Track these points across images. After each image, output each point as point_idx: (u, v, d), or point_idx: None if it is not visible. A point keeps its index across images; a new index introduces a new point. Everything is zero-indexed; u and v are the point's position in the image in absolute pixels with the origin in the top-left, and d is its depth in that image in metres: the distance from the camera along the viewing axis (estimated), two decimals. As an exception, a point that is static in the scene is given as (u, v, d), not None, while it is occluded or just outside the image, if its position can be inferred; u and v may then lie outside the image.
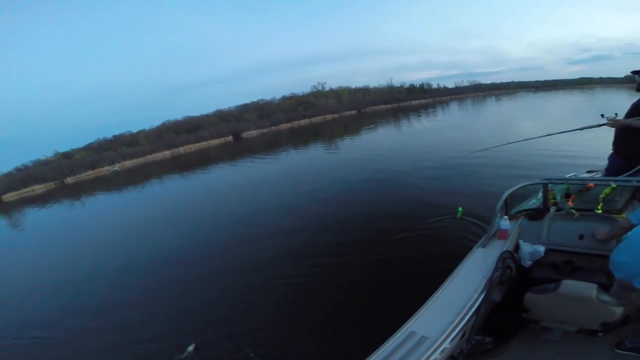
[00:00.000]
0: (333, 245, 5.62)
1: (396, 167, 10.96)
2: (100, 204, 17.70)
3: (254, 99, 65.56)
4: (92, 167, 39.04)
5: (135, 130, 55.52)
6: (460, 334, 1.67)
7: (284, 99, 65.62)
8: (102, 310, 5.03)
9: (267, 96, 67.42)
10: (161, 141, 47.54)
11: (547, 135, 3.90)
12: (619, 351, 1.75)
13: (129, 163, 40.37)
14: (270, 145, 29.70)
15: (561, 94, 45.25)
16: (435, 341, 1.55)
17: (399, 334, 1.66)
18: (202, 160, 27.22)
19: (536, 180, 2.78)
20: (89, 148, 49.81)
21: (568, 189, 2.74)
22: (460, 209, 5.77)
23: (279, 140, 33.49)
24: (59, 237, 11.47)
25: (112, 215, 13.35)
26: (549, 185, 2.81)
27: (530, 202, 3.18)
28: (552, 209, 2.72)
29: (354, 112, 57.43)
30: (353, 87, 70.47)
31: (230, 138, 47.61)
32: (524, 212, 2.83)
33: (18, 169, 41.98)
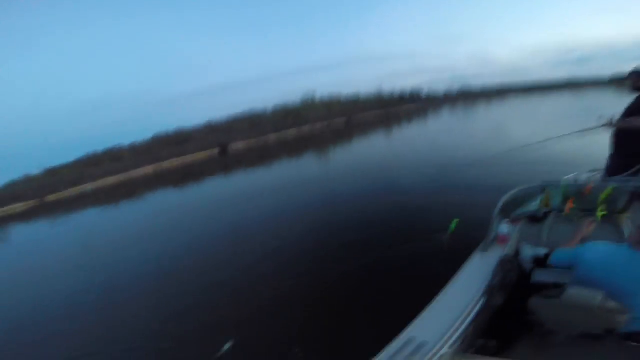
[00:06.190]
0: (314, 258, 5.47)
1: (386, 175, 10.82)
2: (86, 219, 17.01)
3: (246, 109, 64.52)
4: (74, 185, 37.66)
5: (126, 143, 52.92)
6: (462, 339, 1.67)
7: (275, 111, 64.78)
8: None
9: (259, 105, 66.80)
10: (147, 155, 46.06)
11: (546, 140, 3.90)
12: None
13: (111, 179, 38.43)
14: (262, 159, 26.49)
15: (552, 95, 45.82)
16: (434, 346, 1.55)
17: (397, 341, 1.64)
18: (188, 176, 26.25)
19: (533, 185, 2.85)
20: (78, 162, 48.09)
21: (566, 192, 2.74)
22: (455, 220, 5.59)
23: (271, 153, 29.78)
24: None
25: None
26: (547, 188, 2.82)
27: (531, 205, 3.16)
28: (554, 212, 2.72)
29: (343, 119, 58.08)
30: (344, 94, 71.18)
31: (216, 151, 45.09)
32: (524, 216, 2.80)
33: (8, 185, 40.40)
